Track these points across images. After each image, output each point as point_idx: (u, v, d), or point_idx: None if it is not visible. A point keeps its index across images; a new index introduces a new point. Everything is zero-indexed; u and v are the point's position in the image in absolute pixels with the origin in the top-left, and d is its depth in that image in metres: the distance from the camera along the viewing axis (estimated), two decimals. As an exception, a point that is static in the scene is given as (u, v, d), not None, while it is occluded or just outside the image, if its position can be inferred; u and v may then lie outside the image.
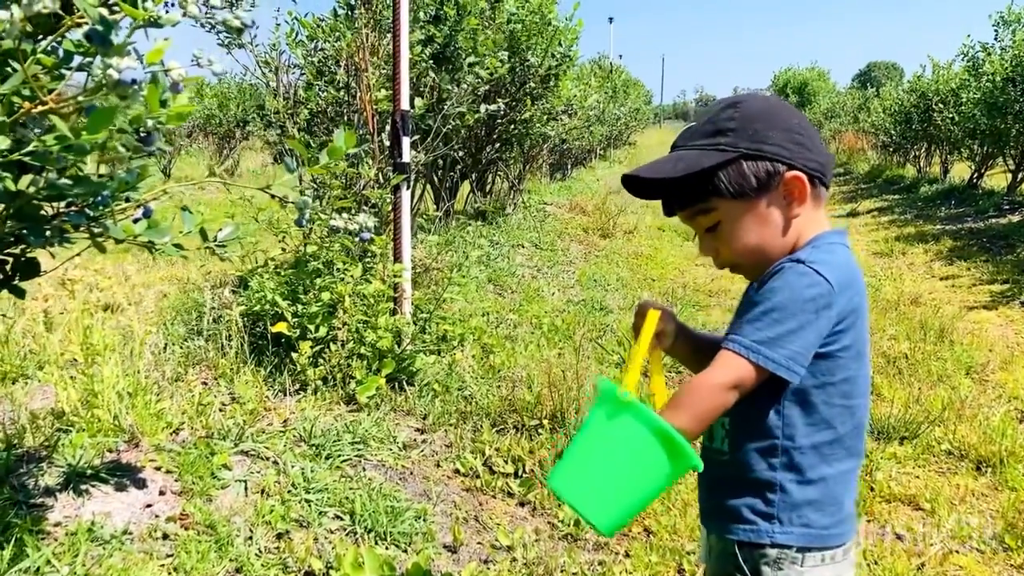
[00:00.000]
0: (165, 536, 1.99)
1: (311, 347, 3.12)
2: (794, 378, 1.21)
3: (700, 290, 6.35)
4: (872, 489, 3.10)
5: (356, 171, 3.38)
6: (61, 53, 1.34)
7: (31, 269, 1.77)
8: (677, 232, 9.46)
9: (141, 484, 2.16)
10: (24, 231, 1.49)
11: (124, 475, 2.17)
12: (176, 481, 2.20)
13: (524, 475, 2.86)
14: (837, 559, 1.31)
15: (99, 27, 1.19)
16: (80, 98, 1.26)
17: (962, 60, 11.14)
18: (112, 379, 2.56)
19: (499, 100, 5.40)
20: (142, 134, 1.52)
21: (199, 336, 3.21)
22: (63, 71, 1.34)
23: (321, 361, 3.14)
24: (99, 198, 1.53)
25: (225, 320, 3.18)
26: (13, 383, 2.81)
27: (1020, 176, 10.51)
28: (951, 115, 11.73)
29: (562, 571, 2.29)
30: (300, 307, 3.20)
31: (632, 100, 19.89)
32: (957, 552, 2.74)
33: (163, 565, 1.90)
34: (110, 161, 1.65)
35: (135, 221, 1.75)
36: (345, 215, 2.11)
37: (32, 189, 1.37)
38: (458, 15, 4.74)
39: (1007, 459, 3.34)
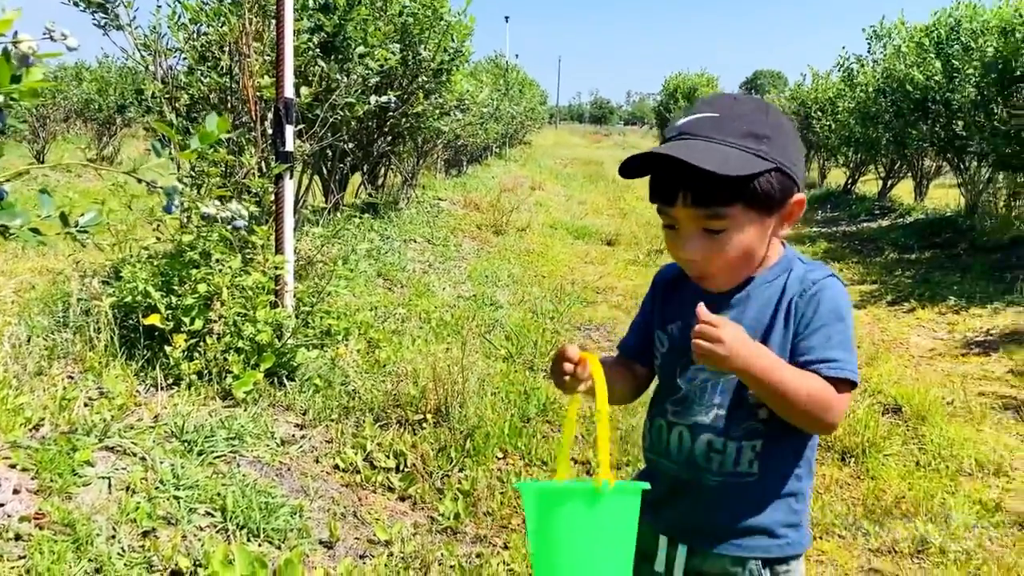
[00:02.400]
0: (18, 537, 1.88)
1: (186, 340, 3.01)
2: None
3: (588, 287, 6.45)
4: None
5: (237, 159, 3.28)
6: None
7: None
8: (568, 231, 9.60)
9: (-8, 483, 2.03)
10: None
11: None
12: (33, 479, 2.09)
13: (406, 469, 2.84)
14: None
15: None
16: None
17: (839, 71, 11.71)
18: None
19: (390, 92, 5.35)
20: (-11, 109, 1.44)
21: (66, 328, 3.05)
22: None
23: (196, 355, 3.04)
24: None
25: (94, 312, 3.04)
26: None
27: (889, 183, 11.13)
28: (828, 123, 12.33)
29: (440, 564, 2.29)
30: (175, 299, 3.08)
31: (527, 99, 20.05)
32: (821, 538, 2.87)
33: (14, 567, 1.80)
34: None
35: (-16, 204, 1.65)
36: (216, 203, 2.04)
37: None
38: (348, 4, 4.67)
39: (868, 449, 3.52)
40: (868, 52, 10.84)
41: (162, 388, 2.91)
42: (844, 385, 1.24)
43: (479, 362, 3.82)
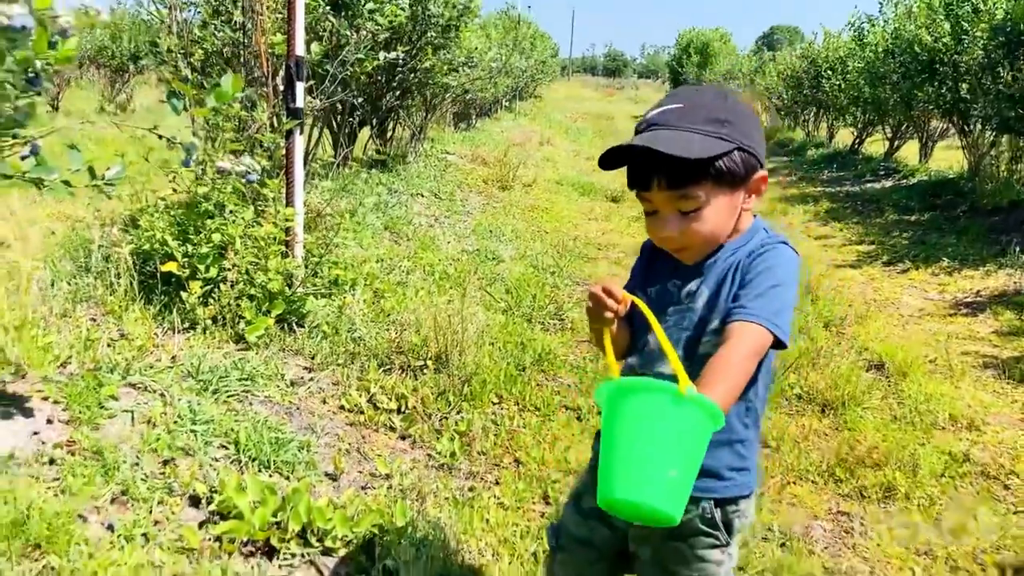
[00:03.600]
0: (52, 461, 2.08)
1: (201, 287, 3.19)
2: (788, 345, 1.38)
3: (590, 243, 6.60)
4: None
5: (249, 115, 3.42)
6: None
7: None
8: (574, 187, 9.70)
9: (28, 413, 2.23)
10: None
11: (10, 404, 2.24)
12: (64, 411, 2.28)
13: (407, 411, 3.04)
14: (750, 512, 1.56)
15: None
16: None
17: (850, 30, 11.66)
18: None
19: (399, 48, 5.45)
20: (30, 74, 1.59)
21: (87, 273, 3.23)
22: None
23: (211, 301, 3.22)
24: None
25: (114, 258, 3.21)
26: None
27: (896, 144, 11.16)
28: (838, 82, 12.31)
29: (435, 496, 2.49)
30: (191, 247, 3.25)
31: (539, 52, 19.93)
32: (794, 483, 3.06)
33: (49, 487, 1.99)
34: (-4, 99, 1.71)
35: (23, 158, 1.81)
36: (231, 157, 2.20)
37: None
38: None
39: (848, 403, 3.70)
40: (880, 12, 10.80)
41: (179, 331, 3.10)
42: (760, 331, 1.35)
43: (479, 313, 3.99)
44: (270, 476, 2.35)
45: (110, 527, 1.96)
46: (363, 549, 2.12)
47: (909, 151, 11.22)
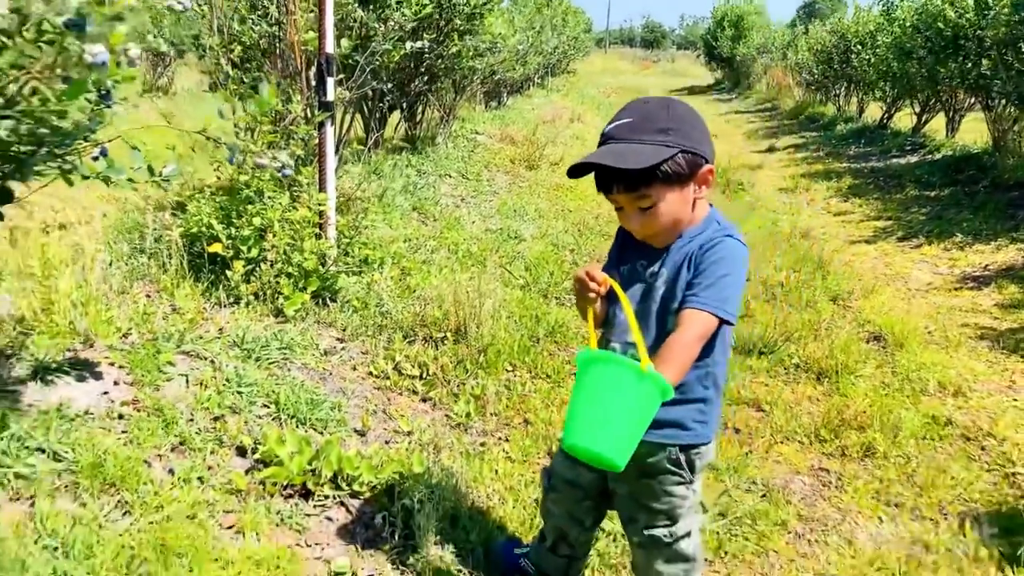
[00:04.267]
0: (120, 416, 2.44)
1: (244, 266, 3.54)
2: (735, 323, 1.71)
3: (612, 221, 6.83)
4: (724, 394, 3.68)
5: (285, 107, 3.74)
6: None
7: (5, 196, 2.15)
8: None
9: (98, 376, 2.59)
10: (7, 169, 1.89)
11: (83, 369, 2.60)
12: (128, 375, 2.64)
13: (428, 377, 3.36)
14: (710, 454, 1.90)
15: (77, 18, 1.58)
16: (59, 71, 1.66)
17: (879, 4, 11.68)
18: (67, 289, 2.96)
19: (425, 36, 5.73)
20: (102, 92, 1.92)
21: (142, 254, 3.59)
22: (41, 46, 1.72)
23: (252, 278, 3.56)
24: (67, 141, 1.93)
25: (165, 240, 3.56)
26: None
27: (923, 119, 11.19)
28: (868, 56, 12.33)
29: (450, 449, 2.82)
30: (234, 230, 3.60)
31: (571, 28, 20.01)
32: (781, 443, 3.34)
33: (119, 438, 2.35)
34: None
35: (94, 159, 2.15)
36: (270, 154, 2.52)
37: (13, 137, 1.77)
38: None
39: (842, 371, 3.95)
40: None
41: (224, 306, 3.46)
42: (710, 316, 1.67)
43: (498, 289, 4.29)
44: (306, 431, 2.69)
45: (171, 471, 2.31)
46: (385, 493, 2.46)
47: (939, 123, 11.25)
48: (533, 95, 17.40)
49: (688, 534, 1.91)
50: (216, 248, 3.55)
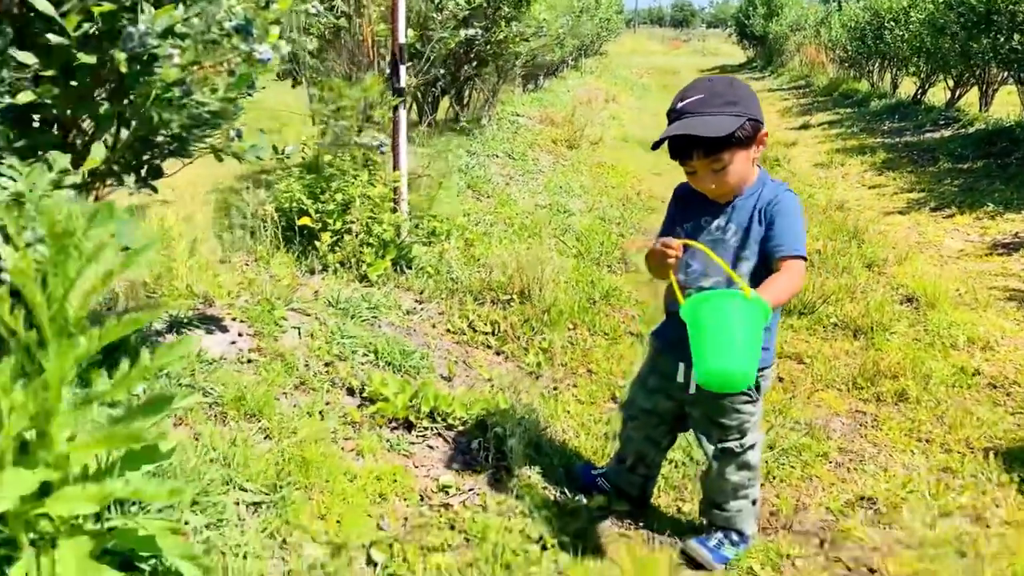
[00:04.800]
0: (249, 361, 2.84)
1: (330, 237, 3.93)
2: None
3: (653, 196, 7.17)
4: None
5: (363, 95, 4.11)
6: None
7: (157, 172, 2.55)
8: (639, 144, 10.21)
9: (224, 329, 2.99)
10: (172, 147, 2.28)
11: (210, 324, 3.00)
12: (249, 328, 3.04)
13: (499, 334, 3.74)
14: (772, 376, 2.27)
15: (244, 23, 1.96)
16: (227, 65, 2.04)
17: (912, -19, 11.80)
18: (183, 257, 3.37)
19: (475, 25, 6.08)
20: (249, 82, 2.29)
21: (240, 228, 3.99)
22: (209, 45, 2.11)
23: (338, 248, 3.96)
24: (219, 123, 2.31)
25: (260, 214, 3.96)
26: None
27: (957, 93, 11.33)
28: (901, 33, 12.45)
29: (526, 392, 3.19)
30: (320, 205, 3.99)
31: (603, 11, 20.21)
32: (822, 391, 3.67)
33: (252, 378, 2.75)
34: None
35: (230, 140, 2.54)
36: (370, 134, 2.89)
37: (188, 121, 2.15)
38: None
39: (877, 328, 4.26)
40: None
41: (315, 273, 3.85)
42: (800, 258, 2.03)
43: (554, 257, 4.65)
44: (402, 376, 3.08)
45: (295, 405, 2.70)
46: (476, 425, 2.84)
47: (973, 98, 11.37)
48: (568, 77, 17.65)
49: (753, 446, 2.27)
50: (305, 221, 3.94)
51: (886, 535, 2.59)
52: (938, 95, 12.31)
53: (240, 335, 2.99)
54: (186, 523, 2.00)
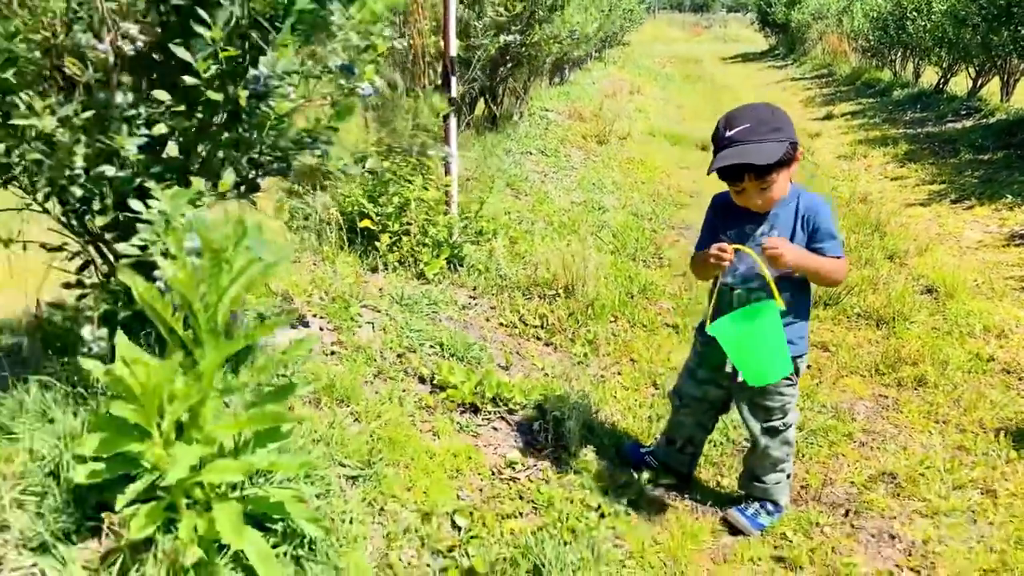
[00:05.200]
0: (333, 353, 3.19)
1: (389, 238, 4.27)
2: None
3: (682, 191, 7.47)
4: (795, 338, 4.31)
5: (415, 104, 4.44)
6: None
7: (255, 187, 2.88)
8: (665, 137, 10.48)
9: (306, 324, 3.34)
10: (278, 167, 2.61)
11: (294, 320, 3.35)
12: (328, 323, 3.39)
13: (548, 326, 4.06)
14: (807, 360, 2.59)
15: (348, 63, 2.29)
16: (331, 99, 2.37)
17: (934, -28, 11.93)
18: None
19: (513, 30, 6.38)
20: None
21: (306, 230, 4.34)
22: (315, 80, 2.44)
23: (396, 249, 4.29)
24: (318, 145, 2.64)
25: (325, 218, 4.31)
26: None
27: (979, 83, 11.49)
28: (923, 23, 12.60)
29: (576, 380, 3.52)
30: (379, 208, 4.32)
31: (626, 1, 20.38)
32: (846, 377, 3.97)
33: (337, 368, 3.10)
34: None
35: (319, 157, 2.86)
36: (439, 144, 3.21)
37: (292, 147, 2.48)
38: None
39: (898, 318, 4.55)
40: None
41: (377, 271, 4.19)
42: (840, 258, 2.37)
43: (593, 254, 4.96)
44: (465, 366, 3.41)
45: (377, 393, 3.05)
46: (535, 409, 3.18)
47: (995, 87, 11.52)
48: (592, 68, 17.87)
49: (792, 425, 2.60)
50: (366, 223, 4.28)
51: (905, 505, 2.90)
52: (960, 84, 12.46)
53: (321, 329, 3.34)
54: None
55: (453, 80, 4.41)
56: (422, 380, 3.24)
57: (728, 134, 2.34)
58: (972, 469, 3.12)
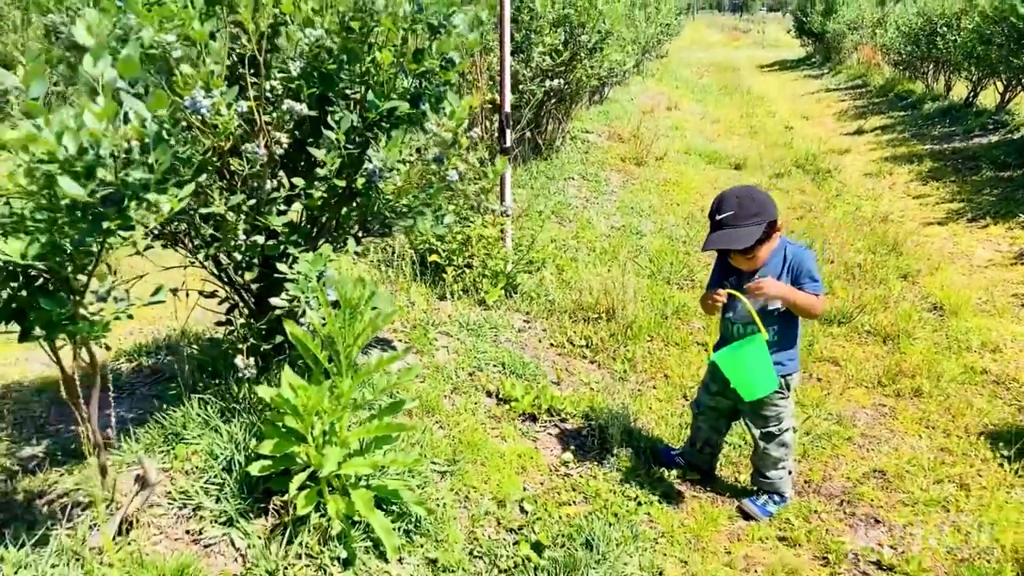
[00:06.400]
0: (417, 375, 3.89)
1: (454, 271, 4.98)
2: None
3: (714, 213, 8.07)
4: (810, 354, 4.93)
5: (475, 150, 5.14)
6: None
7: (359, 244, 3.60)
8: (701, 156, 11.07)
9: (393, 347, 4.05)
10: (378, 229, 3.33)
11: (382, 344, 4.07)
12: (410, 347, 4.10)
13: (592, 346, 4.74)
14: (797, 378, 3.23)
15: (440, 155, 2.99)
16: (424, 181, 3.08)
17: (961, -9, 12.37)
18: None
19: (557, 72, 7.07)
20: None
21: (384, 264, 5.07)
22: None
23: (460, 279, 5.00)
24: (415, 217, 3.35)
25: (400, 254, 5.03)
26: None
27: (1007, 97, 11.90)
28: (953, 38, 13.02)
29: (618, 393, 4.19)
30: (445, 245, 5.04)
31: (663, 16, 20.95)
32: (851, 388, 4.58)
33: (421, 385, 3.80)
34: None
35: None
36: (500, 205, 3.90)
37: (388, 215, 3.19)
38: (530, 18, 6.39)
39: (903, 335, 5.13)
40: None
41: (444, 299, 4.90)
42: (817, 295, 3.01)
43: (632, 279, 5.62)
44: (524, 382, 4.10)
45: (454, 405, 3.75)
46: (583, 418, 3.85)
47: (1022, 100, 11.91)
48: (631, 83, 18.47)
49: (787, 430, 3.25)
50: (434, 258, 5.00)
51: (891, 497, 3.52)
52: (990, 97, 12.85)
53: (406, 351, 4.05)
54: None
55: (508, 132, 5.12)
56: (489, 394, 3.94)
57: (718, 217, 2.97)
58: (952, 467, 3.73)
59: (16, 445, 3.14)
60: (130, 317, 2.40)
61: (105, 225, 2.09)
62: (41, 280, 2.29)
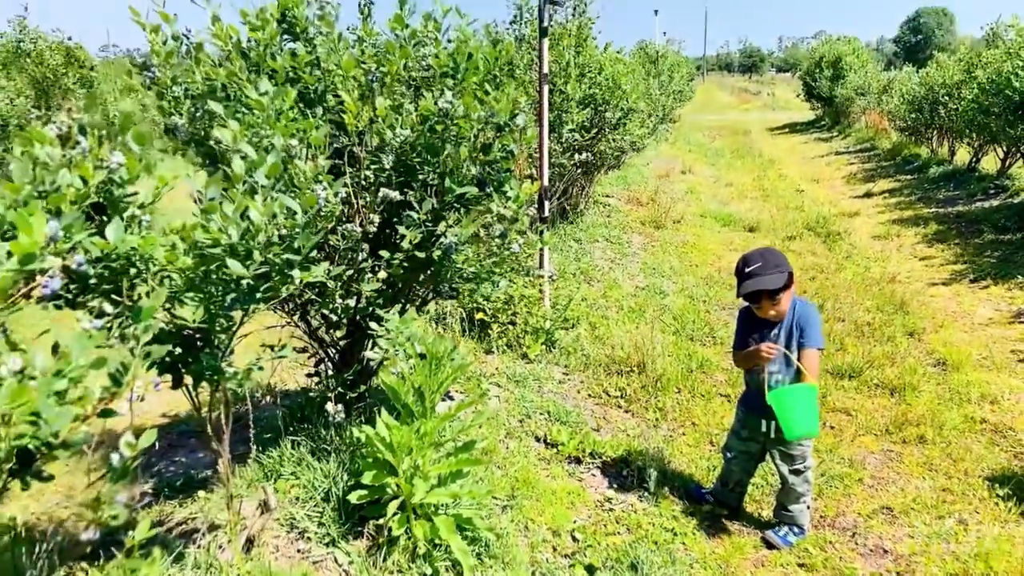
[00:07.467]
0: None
1: (499, 327, 5.50)
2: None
3: (732, 274, 8.60)
4: (824, 405, 5.40)
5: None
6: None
7: (425, 303, 4.14)
8: (715, 219, 11.65)
9: (451, 398, 4.56)
10: (447, 292, 3.87)
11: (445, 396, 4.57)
12: (466, 396, 4.60)
13: (626, 397, 5.23)
14: None
15: (503, 232, 3.55)
16: (489, 250, 3.63)
17: (959, 62, 13.04)
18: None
19: (584, 146, 7.68)
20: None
21: (435, 322, 5.60)
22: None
23: (504, 335, 5.52)
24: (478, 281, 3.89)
25: (450, 314, 5.57)
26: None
27: (1007, 163, 12.48)
28: (955, 107, 13.67)
29: (651, 439, 4.67)
30: (491, 304, 5.58)
31: (676, 82, 21.78)
32: (862, 435, 5.04)
33: (480, 431, 4.29)
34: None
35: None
36: (548, 269, 4.44)
37: (459, 282, 3.73)
38: (561, 100, 7.03)
39: (908, 388, 5.61)
40: (987, 47, 12.17)
41: (490, 353, 5.42)
42: (818, 350, 3.51)
43: (659, 335, 6.14)
44: (568, 428, 4.59)
45: (508, 448, 4.24)
46: (622, 460, 4.34)
47: (1021, 167, 12.48)
48: (646, 147, 19.18)
49: (810, 468, 3.72)
50: (481, 315, 5.53)
51: (897, 530, 3.97)
52: (992, 162, 13.44)
53: (461, 399, 4.56)
54: (474, 514, 3.53)
55: (546, 204, 5.69)
56: (538, 439, 4.43)
57: (748, 270, 3.51)
58: (952, 505, 4.18)
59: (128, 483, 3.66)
60: (260, 369, 2.94)
61: (258, 295, 2.64)
62: (193, 339, 2.84)
